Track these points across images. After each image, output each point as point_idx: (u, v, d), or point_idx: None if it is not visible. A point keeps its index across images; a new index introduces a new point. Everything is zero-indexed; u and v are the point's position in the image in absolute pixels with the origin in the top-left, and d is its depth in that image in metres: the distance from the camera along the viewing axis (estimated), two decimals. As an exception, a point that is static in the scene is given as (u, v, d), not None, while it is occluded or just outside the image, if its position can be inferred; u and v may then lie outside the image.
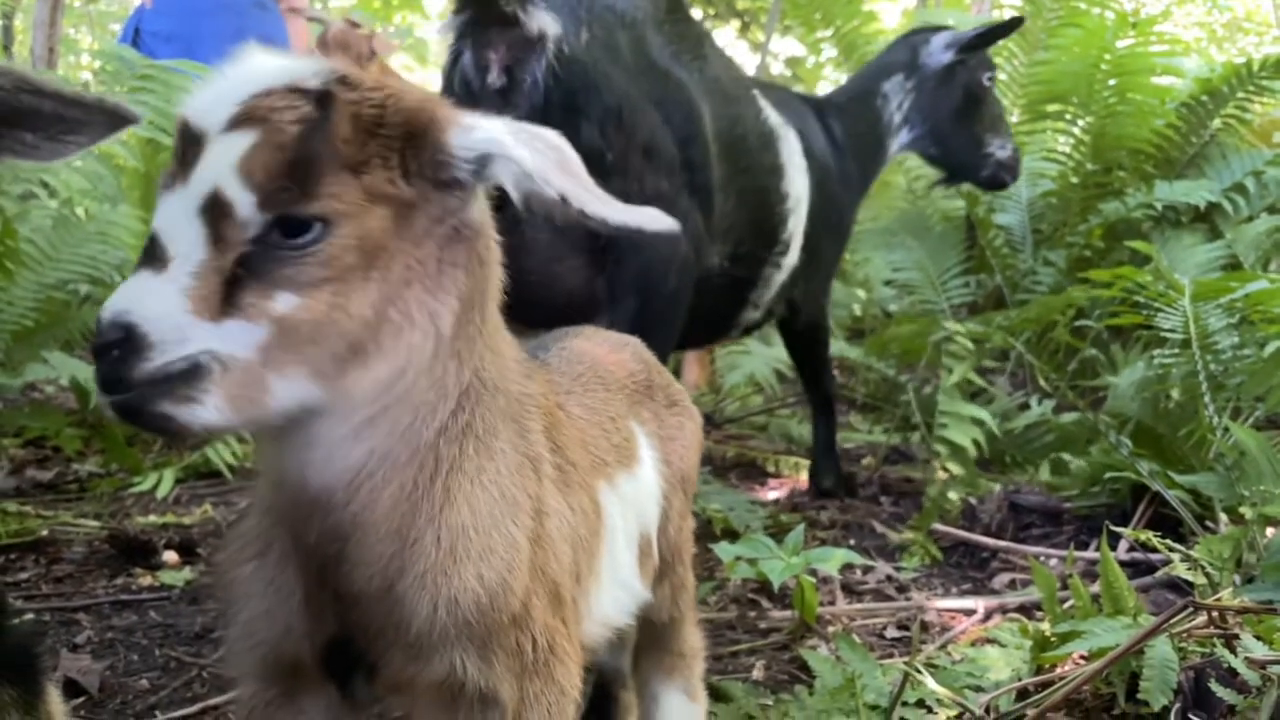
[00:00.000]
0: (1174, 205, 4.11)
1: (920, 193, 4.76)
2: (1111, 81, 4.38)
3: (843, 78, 5.14)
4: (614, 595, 1.17)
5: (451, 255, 0.91)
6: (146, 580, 2.42)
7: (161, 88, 2.76)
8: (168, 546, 2.58)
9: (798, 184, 2.65)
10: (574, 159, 0.92)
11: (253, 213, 0.82)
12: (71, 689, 1.89)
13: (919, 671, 1.64)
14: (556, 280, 2.08)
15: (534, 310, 1.63)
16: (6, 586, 2.35)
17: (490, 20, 1.84)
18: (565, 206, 0.86)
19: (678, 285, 2.11)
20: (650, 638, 1.45)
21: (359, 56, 4.16)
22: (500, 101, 1.88)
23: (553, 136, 0.92)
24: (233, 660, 1.03)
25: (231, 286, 0.82)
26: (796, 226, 2.66)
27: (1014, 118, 4.63)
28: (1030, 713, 1.55)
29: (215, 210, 0.83)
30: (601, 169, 1.88)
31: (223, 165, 0.82)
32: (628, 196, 1.97)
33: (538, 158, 0.88)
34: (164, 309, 0.81)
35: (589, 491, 1.11)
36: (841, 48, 5.11)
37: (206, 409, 0.82)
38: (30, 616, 2.19)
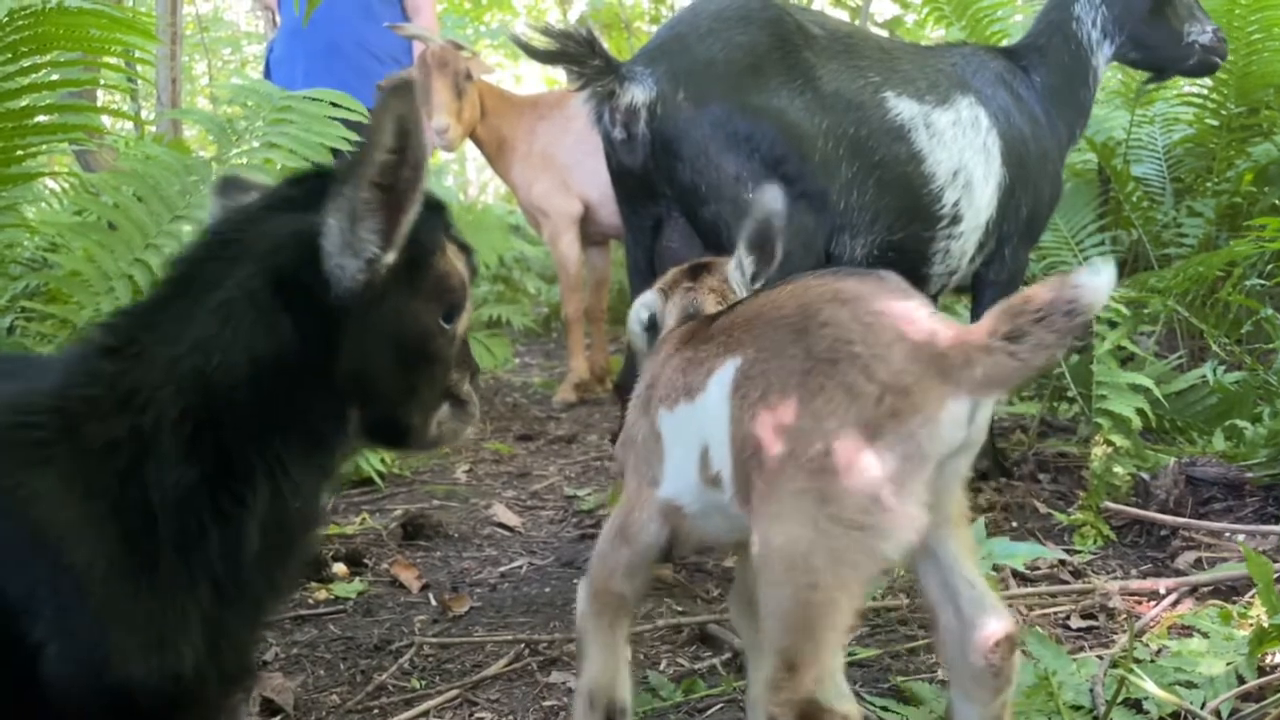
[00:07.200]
0: (1334, 144, 3.84)
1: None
2: (1254, 16, 4.11)
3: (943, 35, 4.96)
4: (675, 486, 1.50)
5: None
6: (321, 594, 2.48)
7: (300, 117, 2.82)
8: (335, 558, 2.65)
9: (951, 161, 2.72)
10: None
11: None
12: (267, 708, 1.96)
13: (1133, 670, 1.56)
14: None
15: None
16: (193, 606, 2.45)
17: (603, 95, 2.43)
18: None
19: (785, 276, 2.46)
20: None
21: (456, 74, 4.28)
22: (625, 149, 2.47)
23: None
24: None
25: None
26: (963, 197, 2.76)
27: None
28: (1273, 712, 1.46)
29: None
30: (698, 197, 2.41)
31: None
32: (722, 216, 2.39)
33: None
34: None
35: (653, 417, 1.54)
36: (953, 5, 4.92)
37: None
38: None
